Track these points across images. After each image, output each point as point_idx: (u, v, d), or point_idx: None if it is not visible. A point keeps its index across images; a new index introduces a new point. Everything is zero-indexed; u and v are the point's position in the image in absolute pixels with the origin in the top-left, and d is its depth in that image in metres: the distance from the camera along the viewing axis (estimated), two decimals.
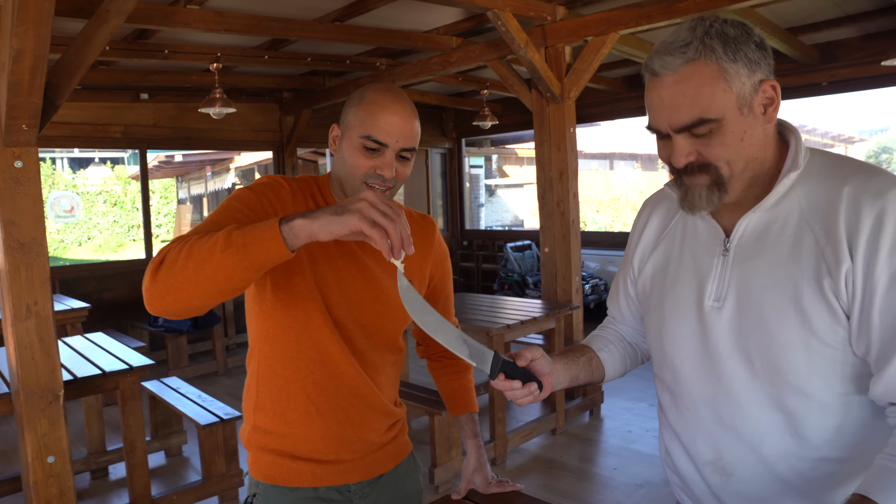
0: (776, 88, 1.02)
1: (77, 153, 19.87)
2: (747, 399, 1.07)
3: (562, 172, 4.78)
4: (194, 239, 1.07)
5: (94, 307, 5.53)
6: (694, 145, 1.02)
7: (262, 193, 1.29)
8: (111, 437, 4.32)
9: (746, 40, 0.99)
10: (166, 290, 1.07)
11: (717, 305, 1.09)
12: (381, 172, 1.28)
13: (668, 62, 0.99)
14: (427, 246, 1.47)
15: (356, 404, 1.37)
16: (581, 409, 4.55)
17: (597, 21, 4.36)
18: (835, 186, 1.02)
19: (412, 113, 1.30)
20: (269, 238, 1.01)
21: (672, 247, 1.21)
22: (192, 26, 4.20)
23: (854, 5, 4.89)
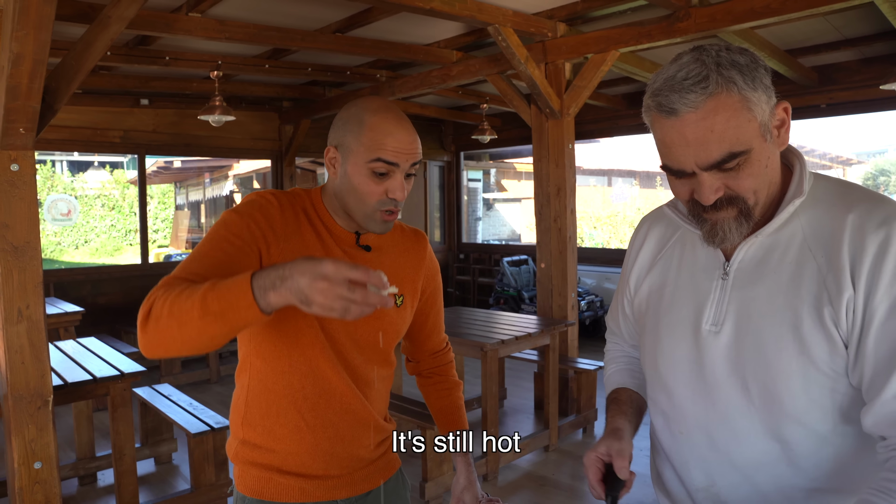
0: (788, 110, 1.00)
1: (76, 157, 19.89)
2: (742, 426, 1.05)
3: (560, 188, 4.79)
4: (176, 293, 1.06)
5: (88, 311, 5.51)
6: (722, 179, 0.98)
7: (249, 216, 1.26)
8: (101, 442, 4.28)
9: (757, 66, 0.96)
10: (157, 344, 1.09)
11: (714, 330, 1.07)
12: (394, 196, 1.27)
13: (690, 99, 0.94)
14: (419, 261, 1.47)
15: (347, 420, 1.36)
16: (574, 427, 4.52)
17: (597, 38, 4.38)
18: (839, 214, 1.00)
19: (413, 129, 1.31)
20: (244, 306, 0.99)
21: (669, 267, 1.19)
22: (194, 34, 4.21)
23: (853, 29, 4.93)
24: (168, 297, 1.07)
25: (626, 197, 16.01)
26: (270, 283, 0.97)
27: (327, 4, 4.24)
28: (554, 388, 4.26)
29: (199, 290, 1.04)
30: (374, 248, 1.39)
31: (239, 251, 1.21)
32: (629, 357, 1.38)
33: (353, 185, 1.27)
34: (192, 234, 16.41)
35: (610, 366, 1.40)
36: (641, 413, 1.29)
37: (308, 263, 0.95)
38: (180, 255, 13.29)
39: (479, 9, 4.02)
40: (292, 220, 1.31)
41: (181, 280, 1.13)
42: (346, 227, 1.36)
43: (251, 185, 14.26)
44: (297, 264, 0.96)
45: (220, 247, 1.21)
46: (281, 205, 1.31)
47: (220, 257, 1.19)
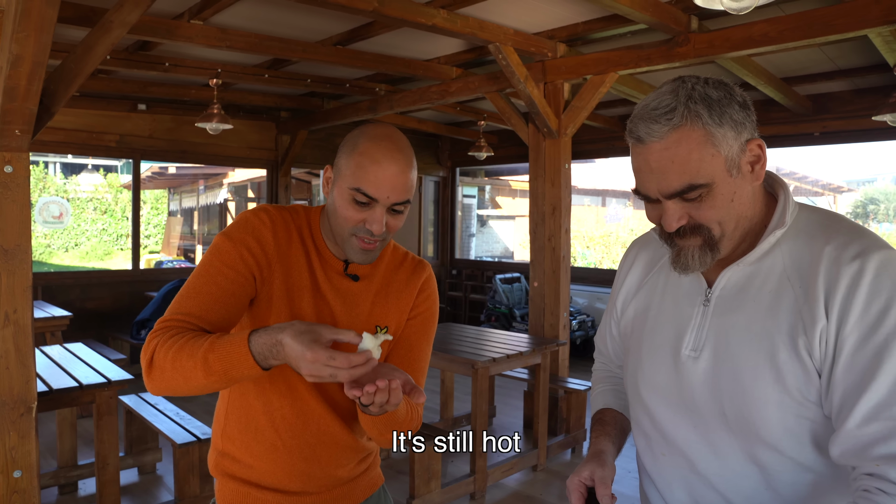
0: (762, 147, 1.02)
1: (70, 159, 19.80)
2: (722, 450, 1.06)
3: (555, 208, 4.80)
4: (177, 347, 1.12)
5: (76, 316, 5.44)
6: (685, 209, 1.01)
7: (241, 242, 1.25)
8: (83, 450, 4.22)
9: (730, 101, 0.99)
10: (164, 389, 1.17)
11: (693, 355, 1.09)
12: (370, 228, 1.22)
13: (654, 129, 0.98)
14: (410, 293, 1.40)
15: (324, 441, 1.33)
16: (563, 447, 4.50)
17: (597, 60, 4.41)
18: (817, 245, 1.02)
19: (406, 165, 1.23)
20: (247, 367, 1.07)
21: (654, 291, 1.21)
22: (195, 41, 4.21)
23: (846, 61, 5.00)
24: (170, 350, 1.13)
25: (620, 218, 16.08)
26: (268, 352, 1.06)
27: (329, 17, 4.25)
28: (544, 407, 4.24)
29: (199, 349, 1.10)
30: (363, 277, 1.35)
31: (232, 283, 1.22)
32: (615, 378, 1.40)
33: (335, 207, 1.25)
34: (185, 240, 16.33)
35: (597, 386, 1.43)
36: (625, 434, 1.30)
37: (296, 344, 1.02)
38: (171, 262, 13.20)
39: (480, 27, 4.04)
40: (284, 241, 1.30)
41: (178, 322, 1.18)
42: (337, 254, 1.34)
43: (245, 194, 14.23)
44: (285, 339, 1.03)
45: (215, 280, 1.22)
46: (274, 225, 1.29)
47: (215, 292, 1.21)
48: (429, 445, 3.38)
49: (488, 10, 4.02)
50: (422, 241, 9.33)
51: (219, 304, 1.20)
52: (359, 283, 1.34)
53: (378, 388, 1.05)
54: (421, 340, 1.41)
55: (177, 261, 13.68)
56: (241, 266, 1.23)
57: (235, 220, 1.31)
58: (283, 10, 4.13)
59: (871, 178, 25.64)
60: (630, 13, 3.55)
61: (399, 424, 1.28)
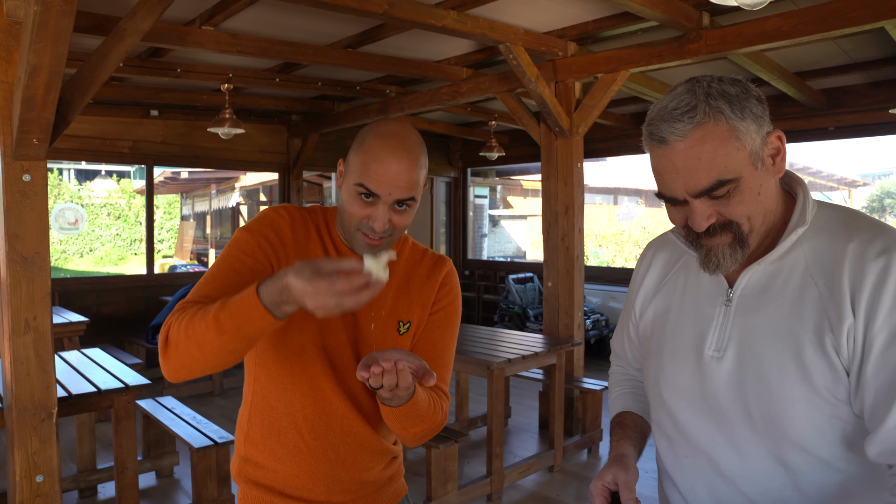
0: (781, 138, 1.02)
1: (83, 165, 20.00)
2: (747, 451, 1.05)
3: (568, 207, 4.78)
4: (189, 316, 1.12)
5: (93, 321, 5.49)
6: (713, 206, 1.01)
7: (259, 233, 1.28)
8: (101, 454, 4.25)
9: (747, 96, 0.99)
10: (180, 367, 1.15)
11: (716, 356, 1.08)
12: (373, 224, 1.22)
13: (678, 128, 0.97)
14: (431, 288, 1.39)
15: (348, 443, 1.32)
16: (579, 447, 4.48)
17: (608, 58, 4.39)
18: (840, 243, 1.01)
19: (411, 164, 1.22)
20: (258, 317, 1.05)
21: (674, 293, 1.20)
22: (206, 47, 4.24)
23: (861, 53, 4.94)
24: (182, 321, 1.13)
25: (633, 216, 16.00)
26: (278, 297, 1.03)
27: (339, 20, 4.26)
28: (559, 407, 4.22)
29: (210, 311, 1.09)
30: None
31: (250, 270, 1.24)
32: (633, 380, 1.39)
33: (343, 201, 1.27)
34: (197, 244, 16.43)
35: (614, 389, 1.41)
36: (645, 437, 1.30)
37: (297, 281, 1.00)
38: (185, 266, 13.29)
39: (490, 27, 4.04)
40: (303, 235, 1.32)
41: (194, 304, 1.18)
42: (356, 250, 1.33)
43: (257, 198, 14.30)
44: (289, 279, 1.01)
45: (233, 267, 1.24)
46: (292, 220, 1.32)
47: (233, 278, 1.22)
48: (445, 447, 3.38)
49: (498, 11, 4.01)
50: (434, 242, 9.33)
51: (237, 289, 1.17)
52: None
53: (384, 368, 1.05)
54: (444, 335, 1.40)
55: (190, 265, 13.78)
56: (259, 254, 1.26)
57: (255, 217, 1.33)
58: (293, 15, 4.14)
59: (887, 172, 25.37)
60: (641, 10, 3.53)
61: (421, 418, 1.25)
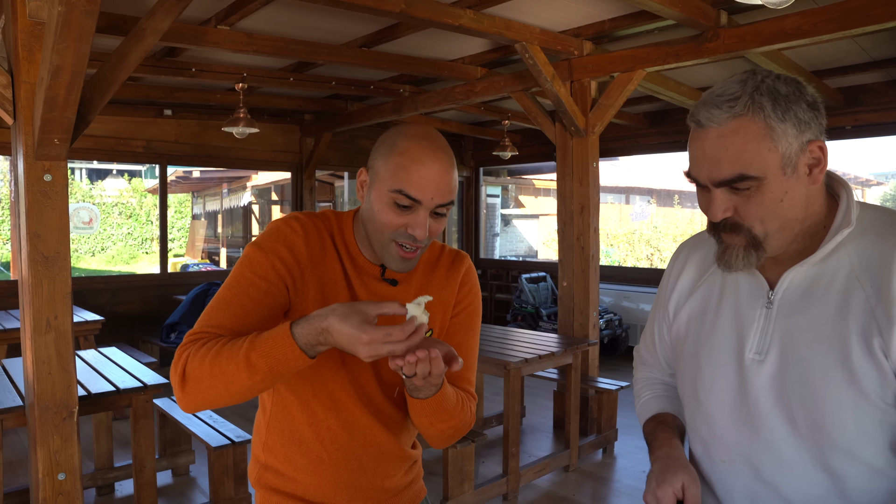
0: (824, 150, 1.00)
1: (95, 164, 20.13)
2: (790, 457, 1.03)
3: (583, 207, 4.76)
4: (213, 353, 1.09)
5: (107, 320, 5.52)
6: (732, 200, 1.00)
7: (273, 252, 1.21)
8: (118, 452, 4.27)
9: (798, 99, 0.97)
10: (201, 402, 1.13)
11: (758, 359, 1.06)
12: (413, 232, 1.16)
13: (715, 115, 0.97)
14: (452, 289, 1.35)
15: (371, 452, 1.30)
16: (594, 447, 4.46)
17: (624, 57, 4.37)
18: (888, 244, 0.99)
19: (450, 165, 1.18)
20: (293, 358, 1.05)
21: (710, 295, 1.18)
22: (222, 46, 4.24)
23: (881, 51, 4.89)
24: (205, 358, 1.09)
25: (646, 216, 15.93)
26: (314, 339, 1.03)
27: (354, 19, 4.26)
28: (575, 407, 4.20)
29: (239, 350, 1.07)
30: (401, 281, 1.31)
31: (265, 294, 1.18)
32: (666, 385, 1.36)
33: (374, 212, 1.19)
34: (209, 244, 16.50)
35: (644, 392, 1.37)
36: (683, 438, 1.27)
37: (345, 328, 1.00)
38: (197, 265, 13.35)
39: (506, 26, 4.02)
40: (318, 248, 1.26)
41: (209, 335, 1.14)
42: (372, 259, 1.29)
43: (269, 197, 14.34)
44: (335, 324, 1.01)
45: (246, 292, 1.18)
46: (306, 233, 1.25)
47: (247, 304, 1.17)
48: (462, 446, 3.37)
49: (514, 10, 4.00)
50: (446, 241, 9.33)
51: (251, 316, 1.16)
52: (397, 287, 1.30)
53: (419, 357, 1.05)
54: (468, 337, 1.37)
55: (202, 264, 13.84)
56: (273, 276, 1.19)
57: (266, 230, 1.26)
58: (308, 14, 4.14)
59: None
60: (658, 9, 3.51)
61: (449, 413, 1.24)
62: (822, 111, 1.00)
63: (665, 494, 1.05)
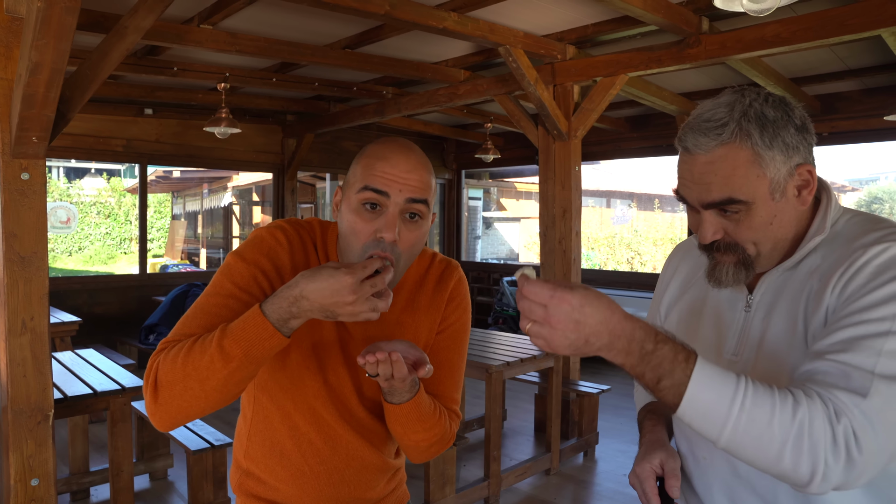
0: (812, 173, 1.02)
1: (73, 163, 19.84)
2: None
3: (565, 210, 4.79)
4: (184, 352, 1.05)
5: (84, 321, 5.43)
6: (722, 223, 1.02)
7: (255, 265, 1.18)
8: (95, 456, 4.21)
9: (786, 124, 0.98)
10: (176, 411, 1.07)
11: (735, 359, 1.10)
12: (381, 235, 1.11)
13: (702, 142, 0.98)
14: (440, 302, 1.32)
15: (353, 466, 1.28)
16: (575, 450, 4.48)
17: (607, 62, 4.40)
18: (851, 244, 1.02)
19: (419, 163, 1.15)
20: (267, 337, 1.02)
21: (696, 297, 1.22)
22: (205, 46, 4.20)
23: (856, 60, 4.98)
24: (176, 358, 1.05)
25: (626, 219, 16.06)
26: (287, 312, 1.01)
27: (339, 21, 4.24)
28: (556, 411, 4.22)
29: (211, 341, 1.04)
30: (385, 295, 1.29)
31: (244, 305, 1.14)
32: None
33: (343, 225, 1.16)
34: (188, 244, 16.33)
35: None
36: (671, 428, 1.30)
37: (322, 284, 0.97)
38: (176, 265, 13.20)
39: (490, 29, 4.03)
40: (302, 259, 1.24)
41: (178, 342, 1.10)
42: None
43: (250, 198, 14.23)
44: (308, 286, 0.98)
45: (225, 302, 1.14)
46: (290, 244, 1.22)
47: (224, 314, 1.13)
48: (433, 467, 3.37)
49: (498, 13, 4.01)
50: (427, 244, 9.30)
51: None
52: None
53: (378, 358, 1.05)
54: (452, 354, 1.33)
55: (182, 264, 13.69)
56: (253, 288, 1.16)
57: (249, 238, 1.23)
58: (292, 14, 4.12)
59: (874, 177, 25.64)
60: (641, 15, 3.54)
61: (423, 424, 1.22)
62: (811, 131, 1.02)
63: (643, 470, 1.10)
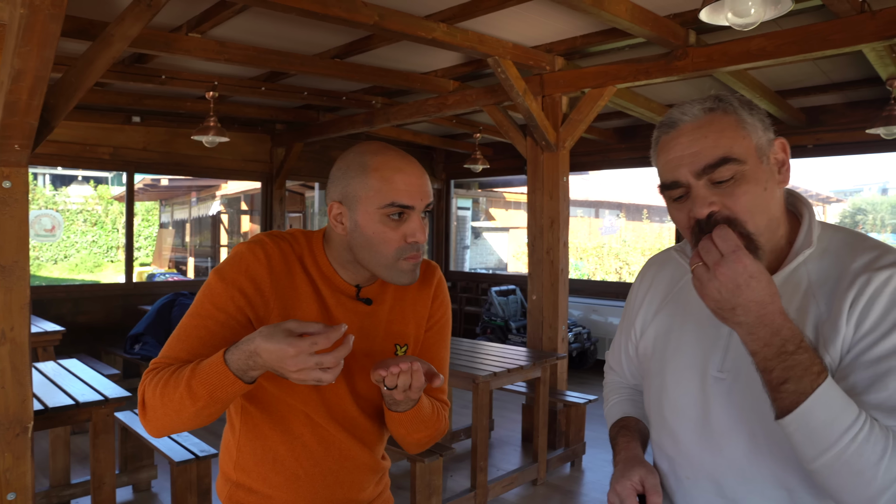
0: (786, 148, 1.04)
1: (60, 170, 19.69)
2: (751, 474, 1.04)
3: (553, 221, 4.80)
4: (163, 383, 1.12)
5: (68, 330, 5.37)
6: (715, 194, 0.99)
7: (233, 285, 1.20)
8: (76, 468, 4.15)
9: (758, 108, 1.05)
10: (161, 428, 1.16)
11: (721, 377, 1.07)
12: (415, 240, 1.19)
13: (688, 110, 1.03)
14: (425, 302, 1.37)
15: (347, 466, 1.31)
16: (562, 460, 4.47)
17: (595, 73, 4.43)
18: (844, 263, 1.01)
19: (423, 169, 1.24)
20: (229, 384, 1.07)
21: (676, 312, 1.19)
22: (193, 54, 4.19)
23: (840, 74, 5.04)
24: (156, 388, 1.13)
25: (616, 229, 16.13)
26: (245, 364, 1.05)
27: (328, 30, 4.25)
28: (544, 421, 4.21)
29: (182, 379, 1.10)
30: (375, 298, 1.31)
31: (222, 327, 1.18)
32: (631, 389, 1.38)
33: (367, 236, 1.19)
34: (176, 253, 16.23)
35: (612, 396, 1.40)
36: (646, 440, 1.29)
37: (272, 346, 1.00)
38: (163, 274, 13.11)
39: (479, 40, 4.05)
40: (283, 273, 1.24)
41: (165, 365, 1.17)
42: (349, 280, 1.28)
43: (238, 206, 14.17)
44: (262, 344, 1.01)
45: (205, 324, 1.18)
46: (270, 260, 1.22)
47: (204, 336, 1.18)
48: (430, 460, 3.35)
49: (487, 24, 4.03)
50: None
51: (208, 348, 1.16)
52: (371, 305, 1.30)
53: (401, 369, 1.09)
54: (440, 349, 1.39)
55: (169, 273, 13.59)
56: (231, 308, 1.18)
57: (230, 256, 1.25)
58: (281, 24, 4.12)
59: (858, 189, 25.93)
60: (629, 27, 3.57)
61: (425, 423, 1.28)
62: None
63: (623, 487, 1.09)
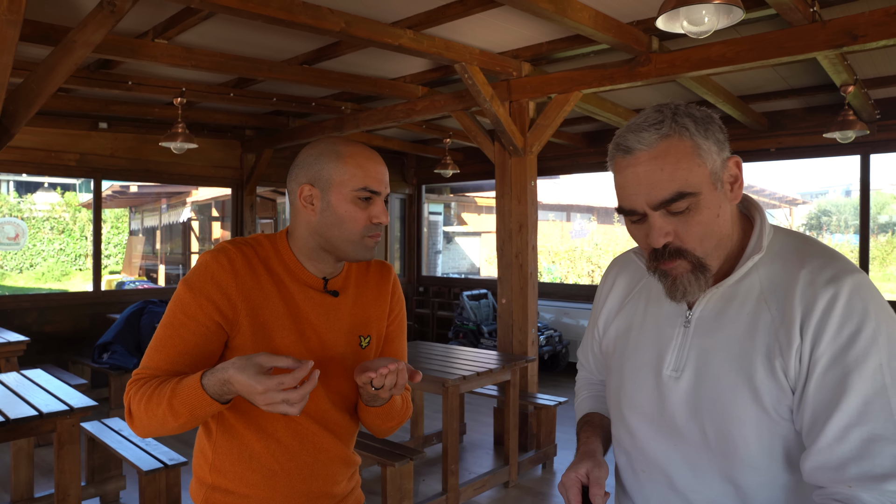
0: (739, 165, 1.06)
1: (25, 177, 19.29)
2: (700, 468, 1.09)
3: (522, 225, 4.85)
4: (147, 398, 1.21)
5: (34, 340, 5.28)
6: (671, 224, 1.03)
7: (201, 293, 1.26)
8: (40, 481, 4.08)
9: (711, 122, 1.04)
10: (148, 434, 1.26)
11: (675, 375, 1.11)
12: (380, 220, 1.33)
13: (644, 138, 1.02)
14: (384, 297, 1.47)
15: (321, 459, 1.37)
16: (534, 462, 4.51)
17: (561, 79, 4.50)
18: (793, 269, 1.05)
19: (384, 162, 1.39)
20: (207, 405, 1.16)
21: (635, 312, 1.23)
22: (160, 60, 4.17)
23: (798, 80, 5.19)
24: (141, 401, 1.22)
25: (586, 233, 16.29)
26: (220, 389, 1.14)
27: (295, 37, 4.26)
28: (514, 424, 4.25)
29: (164, 397, 1.19)
30: (340, 291, 1.39)
31: (195, 335, 1.26)
32: (597, 385, 1.44)
33: (339, 215, 1.30)
34: (147, 260, 15.99)
35: (581, 392, 1.46)
36: (609, 435, 1.33)
37: (242, 377, 1.09)
38: (133, 282, 12.91)
39: (446, 47, 4.09)
40: (249, 277, 1.30)
41: (148, 377, 1.25)
42: (315, 273, 1.36)
43: (209, 213, 14.03)
44: (234, 375, 1.10)
45: (178, 333, 1.26)
46: (234, 266, 1.28)
47: (180, 346, 1.26)
48: (401, 464, 3.36)
49: (454, 31, 4.07)
50: (388, 259, 9.30)
51: (184, 356, 1.25)
52: (338, 297, 1.38)
53: (390, 370, 1.22)
54: (402, 341, 1.53)
55: (139, 281, 13.39)
56: (202, 317, 1.25)
57: (196, 265, 1.31)
58: (249, 30, 4.12)
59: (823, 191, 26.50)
60: (593, 34, 3.64)
61: (397, 412, 1.43)
62: (727, 133, 1.07)
63: (568, 478, 1.14)
